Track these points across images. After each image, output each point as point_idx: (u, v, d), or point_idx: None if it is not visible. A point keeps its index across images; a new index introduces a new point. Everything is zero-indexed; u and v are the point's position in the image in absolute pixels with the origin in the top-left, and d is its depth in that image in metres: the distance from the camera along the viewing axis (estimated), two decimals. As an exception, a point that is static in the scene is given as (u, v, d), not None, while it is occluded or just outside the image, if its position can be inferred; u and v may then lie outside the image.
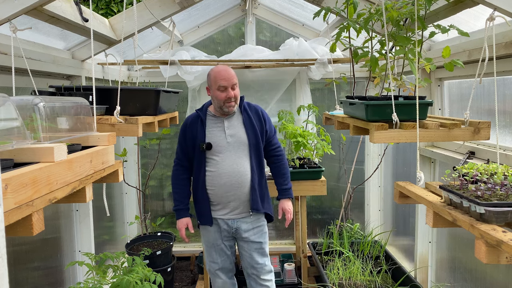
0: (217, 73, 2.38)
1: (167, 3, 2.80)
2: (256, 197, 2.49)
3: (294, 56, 3.78)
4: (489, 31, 1.69)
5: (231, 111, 2.44)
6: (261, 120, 2.53)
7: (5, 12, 1.84)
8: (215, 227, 2.53)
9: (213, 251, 2.57)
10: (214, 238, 2.55)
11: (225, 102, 2.38)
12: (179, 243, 4.36)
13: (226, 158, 2.43)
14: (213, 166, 2.44)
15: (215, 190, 2.45)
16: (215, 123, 2.49)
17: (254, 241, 2.54)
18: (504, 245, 1.15)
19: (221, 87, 2.35)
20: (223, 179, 2.43)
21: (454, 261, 2.79)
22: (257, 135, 2.48)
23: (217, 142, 2.44)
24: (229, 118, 2.49)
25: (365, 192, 4.28)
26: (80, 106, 1.80)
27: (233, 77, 2.38)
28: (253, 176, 2.47)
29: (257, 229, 2.55)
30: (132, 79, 4.09)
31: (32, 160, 1.31)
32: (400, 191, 1.89)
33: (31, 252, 2.50)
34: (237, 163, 2.43)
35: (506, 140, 2.25)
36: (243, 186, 2.45)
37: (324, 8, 2.21)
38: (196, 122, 2.50)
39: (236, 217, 2.50)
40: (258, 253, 2.56)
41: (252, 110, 2.54)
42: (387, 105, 1.89)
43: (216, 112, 2.50)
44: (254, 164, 2.48)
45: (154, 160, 4.04)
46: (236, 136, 2.45)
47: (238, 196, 2.46)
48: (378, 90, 2.34)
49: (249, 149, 2.47)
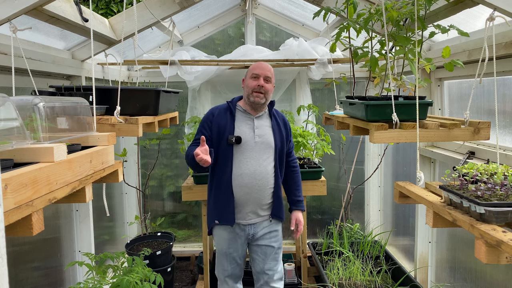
0: (255, 64, 2.37)
1: (167, 3, 2.80)
2: (279, 204, 2.44)
3: (294, 56, 3.78)
4: (489, 31, 1.69)
5: (257, 102, 2.32)
6: (286, 129, 2.49)
7: (5, 12, 1.84)
8: (229, 234, 2.42)
9: (224, 259, 2.47)
10: (227, 246, 2.44)
11: (254, 90, 2.31)
12: (179, 243, 4.37)
13: (251, 158, 2.33)
14: (238, 164, 2.33)
15: (236, 190, 2.34)
16: (244, 119, 2.39)
17: (268, 246, 2.46)
18: (504, 245, 1.15)
19: (254, 74, 2.32)
20: (245, 180, 2.32)
21: (454, 261, 2.79)
22: (283, 141, 2.43)
23: (245, 139, 2.33)
24: (259, 118, 2.41)
25: (365, 192, 4.28)
26: (80, 106, 1.80)
27: (268, 71, 2.34)
28: (277, 181, 2.40)
29: (273, 234, 2.48)
30: (132, 79, 4.09)
31: (32, 160, 1.31)
32: (400, 191, 1.89)
33: (31, 252, 2.50)
34: (262, 165, 2.34)
35: (506, 140, 2.25)
36: (263, 190, 2.36)
37: (324, 8, 2.21)
38: (225, 113, 2.39)
39: (253, 221, 2.41)
40: (272, 260, 2.49)
41: (279, 117, 2.50)
42: (387, 105, 1.89)
43: (245, 106, 2.40)
44: (278, 169, 2.41)
45: (154, 160, 4.04)
46: (264, 137, 2.37)
47: (258, 199, 2.36)
48: (378, 90, 2.34)
49: (275, 153, 2.39)
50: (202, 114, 4.00)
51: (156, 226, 3.97)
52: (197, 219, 4.40)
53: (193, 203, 4.36)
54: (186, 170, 4.23)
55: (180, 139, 3.92)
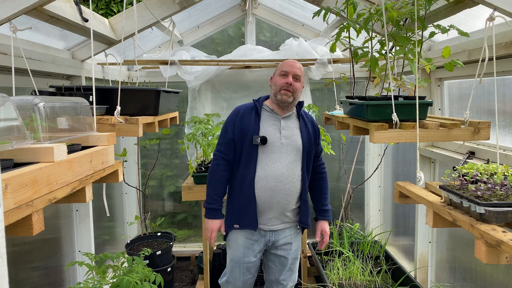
0: (284, 61, 2.29)
1: (167, 3, 2.80)
2: (307, 211, 2.31)
3: (294, 56, 3.78)
4: (489, 31, 1.69)
5: (284, 100, 2.21)
6: (315, 131, 2.36)
7: (5, 12, 1.84)
8: (247, 240, 2.28)
9: (237, 269, 2.32)
10: (242, 255, 2.29)
11: (282, 88, 2.20)
12: (179, 243, 4.37)
13: (277, 160, 2.20)
14: (261, 166, 2.20)
15: (259, 193, 2.20)
16: (270, 119, 2.27)
17: (287, 257, 2.35)
18: (504, 245, 1.15)
19: (283, 71, 2.22)
20: (270, 183, 2.19)
21: (454, 261, 2.79)
22: (311, 143, 2.30)
23: (271, 140, 2.21)
24: (286, 119, 2.29)
25: (365, 192, 4.28)
26: (80, 106, 1.80)
27: (298, 68, 2.24)
28: (304, 185, 2.27)
29: (294, 245, 2.35)
30: (132, 79, 4.09)
31: (32, 160, 1.31)
32: (400, 191, 1.89)
33: (31, 252, 2.50)
34: (288, 168, 2.21)
35: (506, 140, 2.25)
36: (289, 194, 2.22)
37: (324, 8, 2.21)
38: (250, 113, 2.28)
39: (275, 228, 2.27)
40: (289, 270, 2.38)
41: (308, 118, 2.38)
42: (387, 105, 1.89)
43: (272, 105, 2.30)
44: (305, 174, 2.27)
45: (154, 160, 4.04)
46: (291, 138, 2.24)
47: (283, 205, 2.23)
48: (378, 90, 2.34)
49: (302, 156, 2.26)
50: (202, 114, 4.00)
51: (156, 226, 3.97)
52: (197, 219, 4.40)
53: (193, 203, 4.36)
54: (186, 170, 4.23)
55: (180, 139, 3.92)
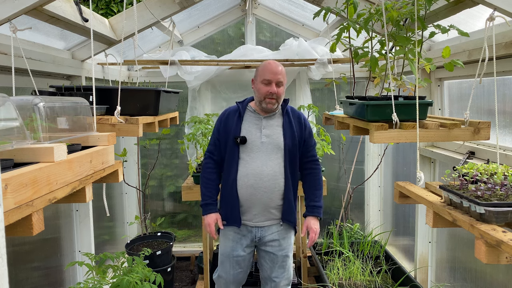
0: (265, 66, 2.29)
1: (167, 3, 2.80)
2: (290, 208, 2.35)
3: (294, 56, 3.78)
4: (489, 31, 1.69)
5: (269, 108, 2.29)
6: (301, 127, 2.38)
7: (5, 12, 1.84)
8: (236, 235, 2.37)
9: (228, 262, 2.40)
10: (232, 249, 2.38)
11: (266, 97, 2.25)
12: (179, 243, 4.37)
13: (257, 158, 2.28)
14: (243, 165, 2.30)
15: (241, 191, 2.30)
16: (252, 120, 2.36)
17: (276, 254, 2.38)
18: (504, 245, 1.15)
19: (266, 80, 2.24)
20: (250, 181, 2.27)
21: (454, 261, 2.79)
22: (294, 141, 2.33)
23: (251, 140, 2.30)
24: (268, 118, 2.36)
25: (365, 192, 4.28)
26: (80, 106, 1.80)
27: (280, 74, 2.26)
28: (287, 182, 2.31)
29: (282, 242, 2.38)
30: (132, 79, 4.09)
31: (32, 160, 1.31)
32: (400, 191, 1.89)
33: (31, 252, 2.50)
34: (268, 165, 2.28)
35: (506, 140, 2.25)
36: (271, 192, 2.28)
37: (324, 8, 2.21)
38: (234, 115, 2.38)
39: (261, 224, 2.34)
40: (280, 267, 2.41)
41: (294, 115, 2.40)
42: (387, 105, 1.89)
43: (256, 107, 2.37)
44: (288, 170, 2.31)
45: (154, 160, 4.04)
46: (272, 137, 2.31)
47: (265, 201, 2.29)
48: (378, 90, 2.34)
49: (284, 154, 2.31)
50: (202, 114, 4.00)
51: (156, 226, 3.97)
52: (197, 219, 4.40)
53: (193, 203, 4.36)
54: (186, 170, 4.23)
55: (180, 139, 3.92)
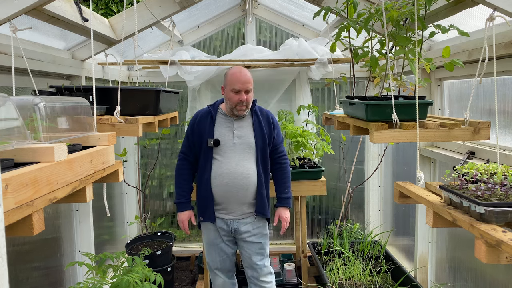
0: (233, 75, 2.38)
1: (167, 3, 2.80)
2: (263, 202, 2.50)
3: (294, 56, 3.78)
4: (489, 31, 1.69)
5: (240, 114, 2.45)
6: (270, 126, 2.54)
7: (5, 12, 1.84)
8: (214, 226, 2.54)
9: (213, 250, 2.58)
10: (214, 237, 2.56)
11: (237, 105, 2.39)
12: (179, 243, 4.37)
13: (231, 158, 2.43)
14: (217, 165, 2.44)
15: (216, 190, 2.45)
16: (224, 122, 2.49)
17: (253, 242, 2.54)
18: (504, 245, 1.15)
19: (235, 89, 2.36)
20: (225, 179, 2.42)
21: (454, 261, 2.79)
22: (264, 139, 2.48)
23: (224, 141, 2.44)
24: (239, 120, 2.50)
25: (365, 192, 4.28)
26: (80, 106, 1.80)
27: (248, 82, 2.38)
28: (260, 179, 2.47)
29: (257, 230, 2.55)
30: (132, 79, 4.09)
31: (32, 160, 1.31)
32: (400, 191, 1.89)
33: (31, 252, 2.50)
34: (241, 165, 2.43)
35: (506, 140, 2.25)
36: (245, 189, 2.44)
37: (324, 8, 2.21)
38: (206, 118, 2.50)
39: (236, 218, 2.50)
40: (257, 254, 2.56)
41: (263, 115, 2.55)
42: (387, 105, 1.89)
43: (227, 111, 2.50)
44: (260, 168, 2.48)
45: (154, 160, 4.04)
46: (243, 138, 2.46)
47: (240, 198, 2.46)
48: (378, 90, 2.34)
49: (256, 153, 2.47)
50: (202, 114, 4.00)
51: (156, 226, 3.97)
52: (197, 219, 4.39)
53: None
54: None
55: (180, 139, 3.92)
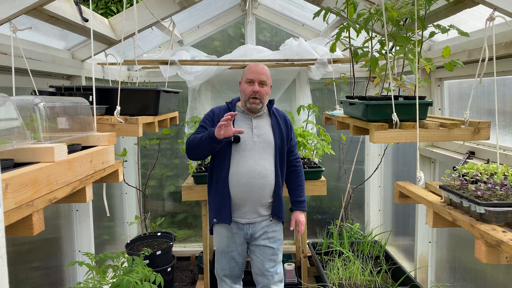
0: (249, 67, 2.37)
1: (167, 3, 2.80)
2: (280, 204, 2.43)
3: (294, 56, 3.78)
4: (489, 31, 1.69)
5: (254, 108, 2.37)
6: (287, 127, 2.49)
7: (5, 12, 1.84)
8: (228, 232, 2.43)
9: (223, 258, 2.48)
10: (226, 245, 2.45)
11: (250, 97, 2.33)
12: (179, 243, 4.37)
13: (249, 157, 2.35)
14: (235, 163, 2.35)
15: (234, 189, 2.36)
16: (243, 120, 2.42)
17: (267, 246, 2.45)
18: (504, 245, 1.15)
19: (249, 79, 2.32)
20: (243, 179, 2.34)
21: (454, 261, 2.79)
22: (283, 139, 2.43)
23: (243, 139, 2.36)
24: (258, 118, 2.43)
25: (365, 192, 4.28)
26: (80, 106, 1.80)
27: (262, 73, 2.33)
28: (277, 180, 2.41)
29: (272, 234, 2.46)
30: (132, 79, 4.09)
31: (32, 160, 1.31)
32: (400, 191, 1.89)
33: (31, 252, 2.50)
34: (260, 164, 2.35)
35: (506, 140, 2.25)
36: (263, 189, 2.36)
37: (324, 8, 2.21)
38: (225, 113, 2.32)
39: (252, 220, 2.41)
40: (270, 261, 2.47)
41: (280, 115, 2.51)
42: (387, 105, 1.89)
43: (243, 107, 2.44)
44: (278, 168, 2.41)
45: (154, 160, 4.03)
46: (262, 136, 2.39)
47: (257, 198, 2.37)
48: (378, 90, 2.34)
49: (275, 152, 2.40)
50: (202, 114, 3.99)
51: (156, 226, 3.97)
52: (197, 219, 4.40)
53: (193, 203, 4.36)
54: (186, 170, 4.23)
55: (180, 139, 3.92)
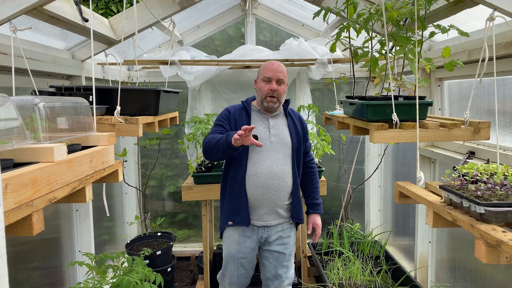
0: (265, 65, 2.31)
1: (167, 3, 2.80)
2: (299, 206, 2.38)
3: (294, 56, 3.78)
4: (489, 31, 1.69)
5: (270, 107, 2.31)
6: (303, 128, 2.44)
7: (5, 12, 1.84)
8: (241, 236, 2.33)
9: (232, 264, 2.37)
10: (236, 251, 2.35)
11: (267, 95, 2.27)
12: (179, 243, 4.37)
13: (267, 158, 2.28)
14: (252, 164, 2.28)
15: (251, 191, 2.28)
16: (259, 119, 2.36)
17: (281, 253, 2.38)
18: (504, 245, 1.15)
19: (266, 77, 2.26)
20: (260, 180, 2.26)
21: (454, 261, 2.79)
22: (299, 140, 2.38)
23: (261, 139, 2.28)
24: (274, 118, 2.38)
25: (365, 192, 4.28)
26: (80, 106, 1.80)
27: (279, 71, 2.27)
28: (295, 181, 2.35)
29: (286, 240, 2.39)
30: (132, 79, 4.09)
31: (32, 160, 1.31)
32: (400, 191, 1.89)
33: (31, 252, 2.50)
34: (277, 165, 2.28)
35: (506, 140, 2.25)
36: (280, 191, 2.29)
37: (324, 8, 2.21)
38: (241, 113, 2.36)
39: (267, 223, 2.32)
40: (283, 266, 2.40)
41: (295, 116, 2.45)
42: (387, 105, 1.89)
43: (259, 106, 2.38)
44: (295, 170, 2.35)
45: (154, 160, 4.03)
46: (279, 136, 2.33)
47: (274, 200, 2.29)
48: (378, 90, 2.34)
49: (292, 153, 2.34)
50: (202, 114, 4.00)
51: (156, 226, 3.97)
52: (197, 219, 4.40)
53: (193, 203, 4.36)
54: (186, 170, 4.23)
55: (180, 139, 3.92)
